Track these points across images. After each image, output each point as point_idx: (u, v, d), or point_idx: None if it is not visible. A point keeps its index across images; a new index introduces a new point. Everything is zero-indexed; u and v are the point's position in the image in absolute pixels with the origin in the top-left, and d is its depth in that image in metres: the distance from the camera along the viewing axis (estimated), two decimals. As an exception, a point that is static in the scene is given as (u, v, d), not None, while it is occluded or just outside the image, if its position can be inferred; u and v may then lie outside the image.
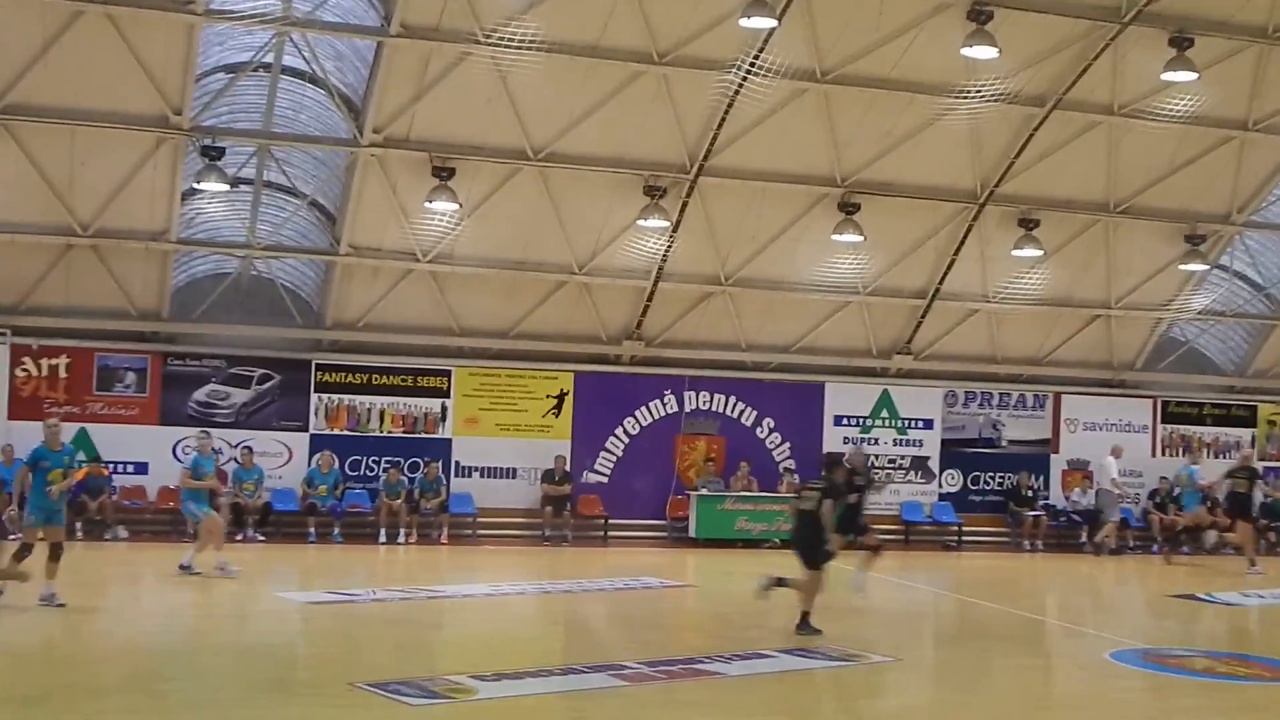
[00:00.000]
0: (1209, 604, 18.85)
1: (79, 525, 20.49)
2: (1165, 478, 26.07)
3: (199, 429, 19.47)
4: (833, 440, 24.77)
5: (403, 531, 22.15)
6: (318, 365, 22.67)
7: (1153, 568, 23.85)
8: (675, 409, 24.28)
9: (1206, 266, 24.68)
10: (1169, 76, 20.18)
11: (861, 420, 25.13)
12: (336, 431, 22.78)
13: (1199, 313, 26.08)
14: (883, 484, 22.68)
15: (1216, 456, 26.81)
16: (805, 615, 14.01)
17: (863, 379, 25.22)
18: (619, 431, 24.00)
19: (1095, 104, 21.67)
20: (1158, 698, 12.23)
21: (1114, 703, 11.74)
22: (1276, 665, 13.83)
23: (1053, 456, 26.18)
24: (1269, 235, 25.54)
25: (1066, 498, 25.99)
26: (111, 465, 21.53)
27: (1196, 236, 24.07)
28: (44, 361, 21.50)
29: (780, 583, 14.25)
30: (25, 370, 21.42)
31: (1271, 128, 22.55)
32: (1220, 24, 20.37)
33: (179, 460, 20.95)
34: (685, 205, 21.89)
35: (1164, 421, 26.81)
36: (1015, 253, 23.43)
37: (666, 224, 21.86)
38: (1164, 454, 26.65)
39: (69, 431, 17.43)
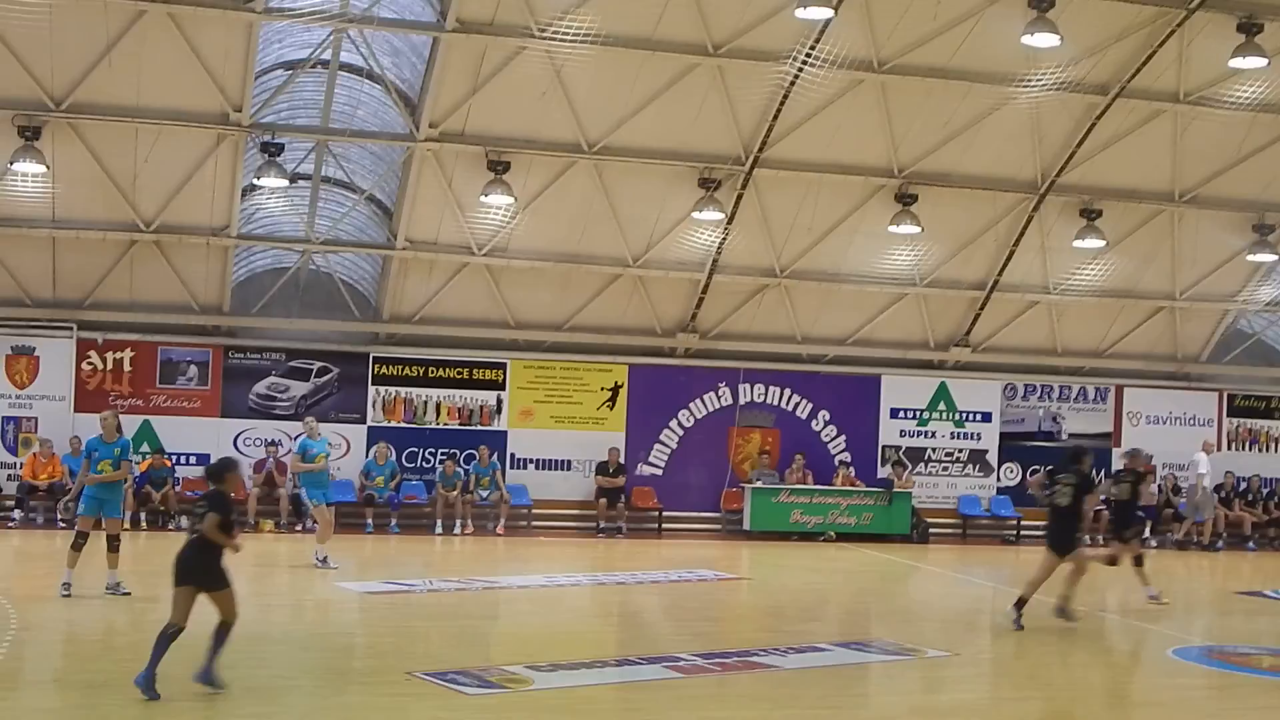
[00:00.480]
0: (1276, 601, 18.83)
1: (143, 515, 21.10)
2: (1231, 472, 25.98)
3: (306, 416, 19.73)
4: (889, 433, 24.95)
5: (459, 523, 22.54)
6: (375, 358, 23.09)
7: (1220, 563, 23.79)
8: (730, 401, 24.47)
9: (1275, 257, 24.49)
10: (1237, 63, 20.06)
11: (918, 413, 25.21)
12: (393, 424, 23.21)
13: (1267, 304, 25.90)
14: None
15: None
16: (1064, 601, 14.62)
17: (920, 371, 25.28)
18: (673, 424, 24.25)
19: (1160, 92, 21.59)
20: (1217, 695, 12.28)
21: (1179, 700, 11.77)
22: None
23: (1114, 450, 26.09)
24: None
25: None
26: (174, 457, 22.03)
27: (1265, 226, 23.92)
28: (109, 355, 22.09)
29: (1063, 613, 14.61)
30: (91, 364, 22.01)
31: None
32: None
33: (240, 452, 21.53)
34: (740, 197, 22.07)
35: (1230, 415, 26.66)
36: (1077, 243, 23.39)
37: (721, 216, 22.05)
38: (1230, 448, 26.48)
39: (133, 424, 17.89)
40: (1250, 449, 26.65)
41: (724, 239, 22.56)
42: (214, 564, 9.76)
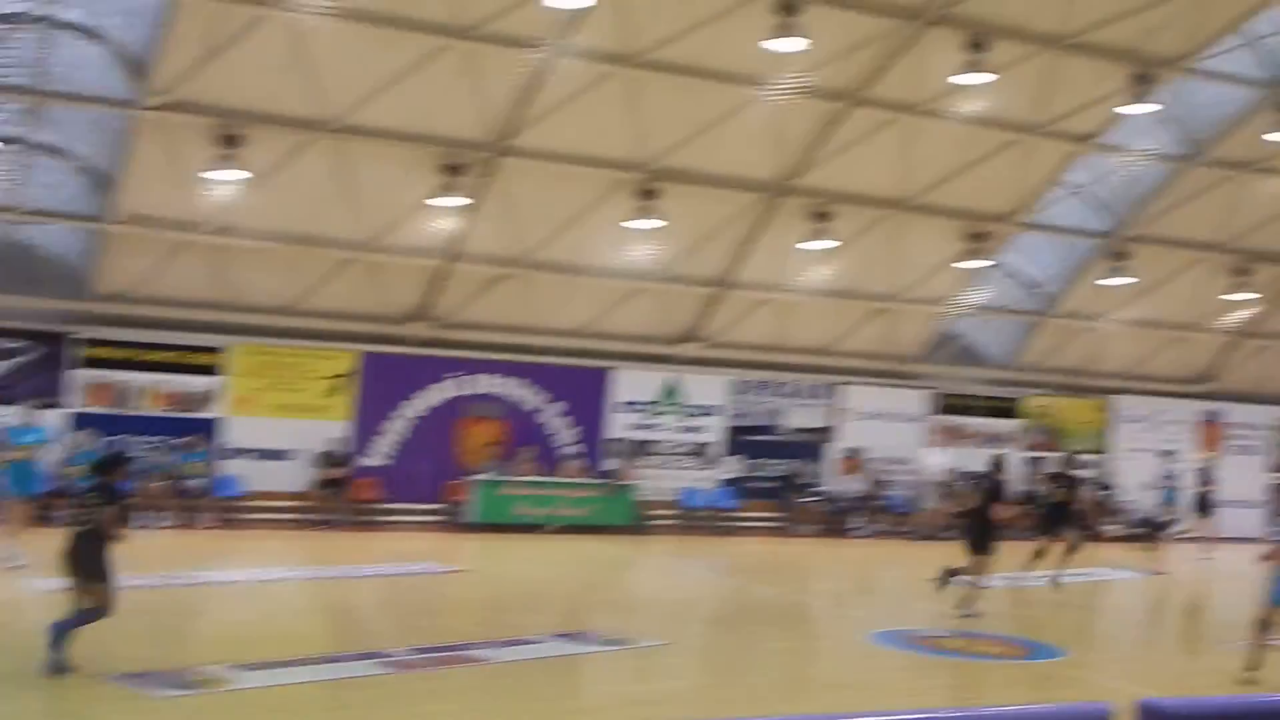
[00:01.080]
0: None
1: None
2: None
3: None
4: (617, 426, 25.52)
5: (164, 514, 21.79)
6: (80, 339, 22.01)
7: (918, 551, 25.42)
8: (460, 392, 24.51)
9: (986, 264, 26.28)
10: (963, 79, 21.49)
11: (648, 406, 25.86)
12: (99, 409, 22.20)
13: (975, 308, 27.79)
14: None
15: (982, 446, 28.72)
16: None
17: (651, 365, 25.98)
18: (402, 414, 24.13)
19: (894, 101, 22.91)
20: (914, 676, 13.35)
21: (874, 682, 12.80)
22: (1021, 643, 15.21)
23: (830, 444, 27.52)
24: (1046, 235, 27.35)
25: (839, 485, 27.34)
26: None
27: (978, 234, 25.63)
28: None
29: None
30: None
31: (1055, 132, 24.27)
32: (1015, 30, 21.75)
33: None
34: (484, 185, 22.10)
35: (938, 412, 28.61)
36: (808, 244, 24.57)
37: (464, 203, 22.04)
38: (930, 444, 28.28)
39: None
40: (954, 444, 28.48)
41: (466, 227, 22.51)
42: (100, 555, 10.29)
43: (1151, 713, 1.99)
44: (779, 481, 27.12)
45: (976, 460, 28.50)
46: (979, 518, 17.21)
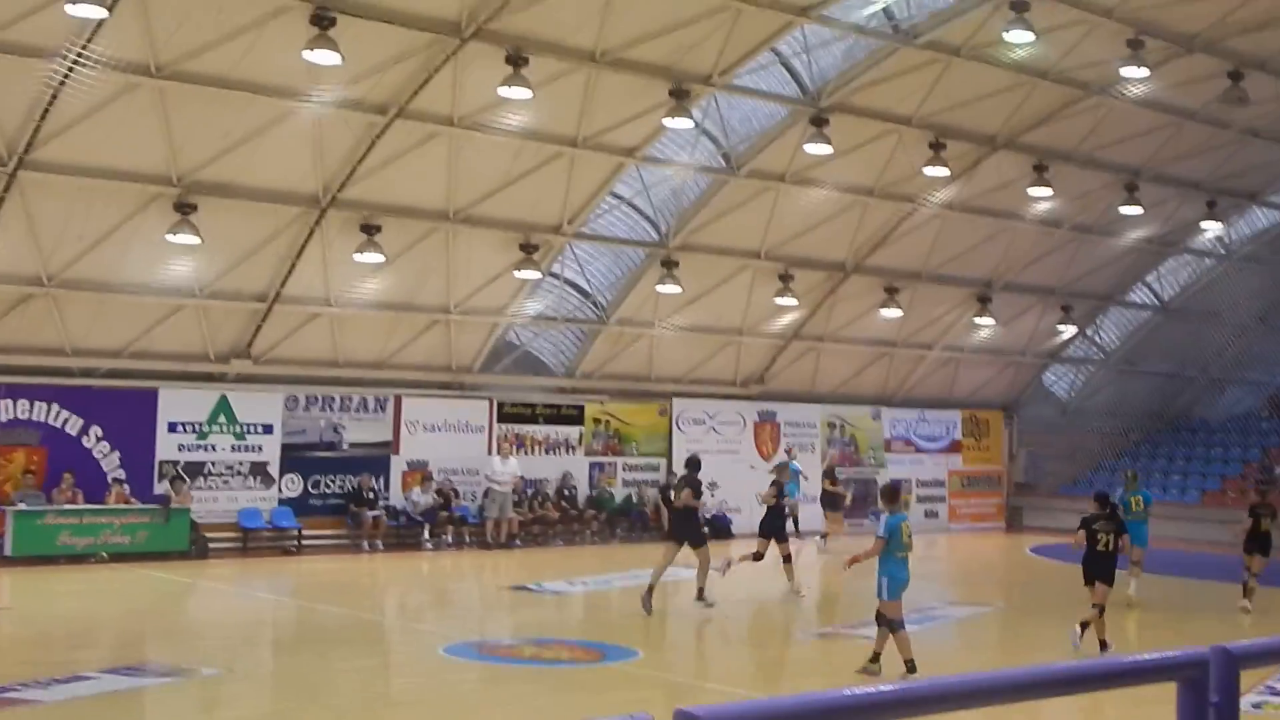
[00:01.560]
0: (538, 593, 21.18)
1: None
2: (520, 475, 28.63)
3: None
4: (167, 448, 25.12)
5: None
6: None
7: (488, 560, 26.18)
8: (-10, 419, 23.65)
9: (539, 274, 27.32)
10: (505, 92, 22.39)
11: (198, 426, 25.59)
12: None
13: (532, 318, 28.87)
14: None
15: (547, 453, 29.79)
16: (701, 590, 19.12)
17: (200, 384, 25.81)
18: (-75, 444, 23.07)
19: (436, 115, 23.60)
20: (489, 688, 14.14)
21: (446, 696, 13.40)
22: (594, 647, 16.14)
23: (394, 458, 27.99)
24: (596, 245, 28.66)
25: (407, 498, 27.81)
26: None
27: (530, 245, 26.60)
28: None
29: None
30: None
31: (599, 145, 25.55)
32: (553, 46, 22.79)
33: None
34: (1, 201, 21.40)
35: (500, 421, 29.38)
36: (357, 257, 25.01)
37: (-21, 219, 21.30)
38: (499, 453, 29.08)
39: None
40: (517, 452, 29.41)
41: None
42: None
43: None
44: (342, 498, 27.32)
45: (543, 468, 29.67)
46: (688, 514, 19.87)
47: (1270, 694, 13.73)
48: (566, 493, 30.14)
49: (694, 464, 21.17)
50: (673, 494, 20.93)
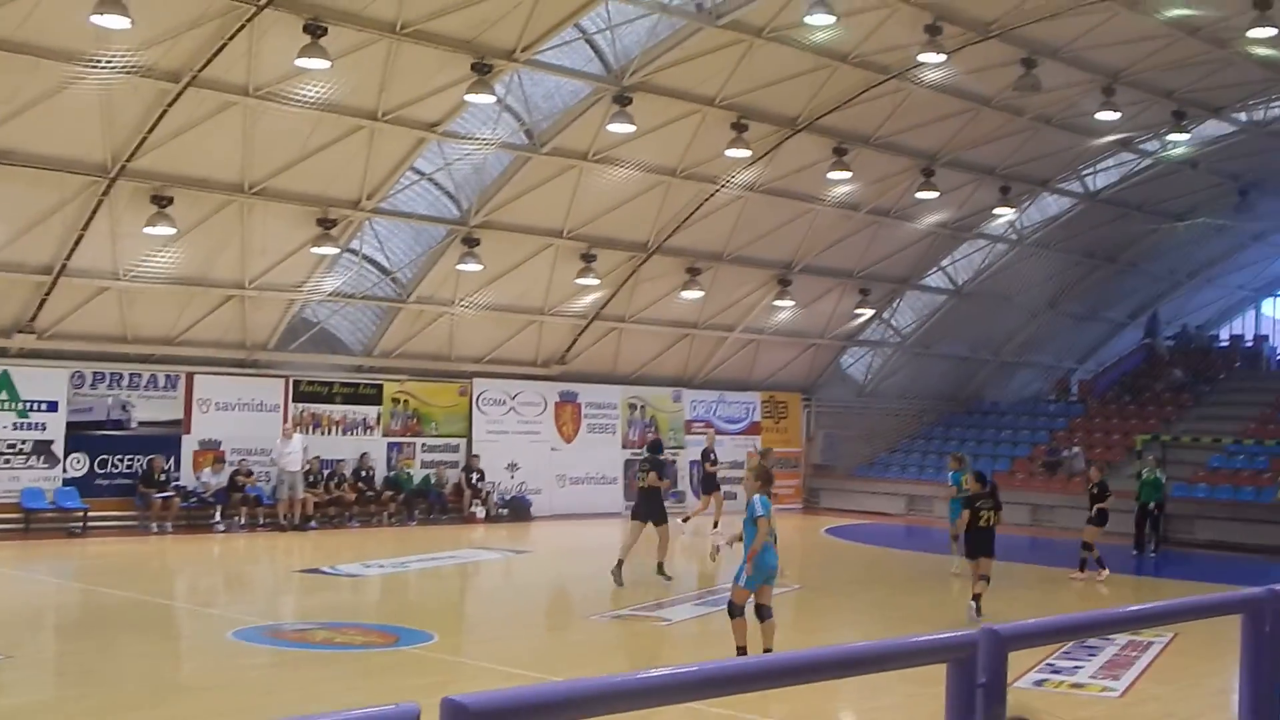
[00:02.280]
0: (332, 576, 21.27)
1: None
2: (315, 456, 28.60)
3: None
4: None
5: None
6: None
7: (281, 543, 26.16)
8: None
9: (337, 250, 27.31)
10: (302, 63, 22.22)
11: (-23, 404, 25.07)
12: None
13: (330, 295, 28.85)
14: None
15: (344, 434, 29.83)
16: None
17: (-21, 359, 25.19)
18: None
19: (231, 84, 23.29)
20: (280, 673, 14.08)
21: (235, 681, 13.35)
22: (389, 631, 16.28)
23: (185, 437, 27.71)
24: (396, 222, 28.77)
25: (198, 478, 27.58)
26: None
27: (328, 220, 26.59)
28: None
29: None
30: None
31: (399, 119, 25.51)
32: (352, 15, 22.59)
33: None
34: None
35: (295, 400, 29.29)
36: (148, 230, 24.62)
37: None
38: (297, 431, 29.03)
39: None
40: (313, 432, 29.36)
41: None
42: None
43: (455, 710, 2.45)
44: (131, 478, 26.97)
45: (340, 448, 29.71)
46: (653, 494, 21.36)
47: (1051, 672, 14.34)
48: (364, 473, 30.13)
49: (656, 446, 23.76)
50: (638, 476, 22.64)
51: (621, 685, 3.21)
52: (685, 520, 29.41)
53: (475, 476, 31.59)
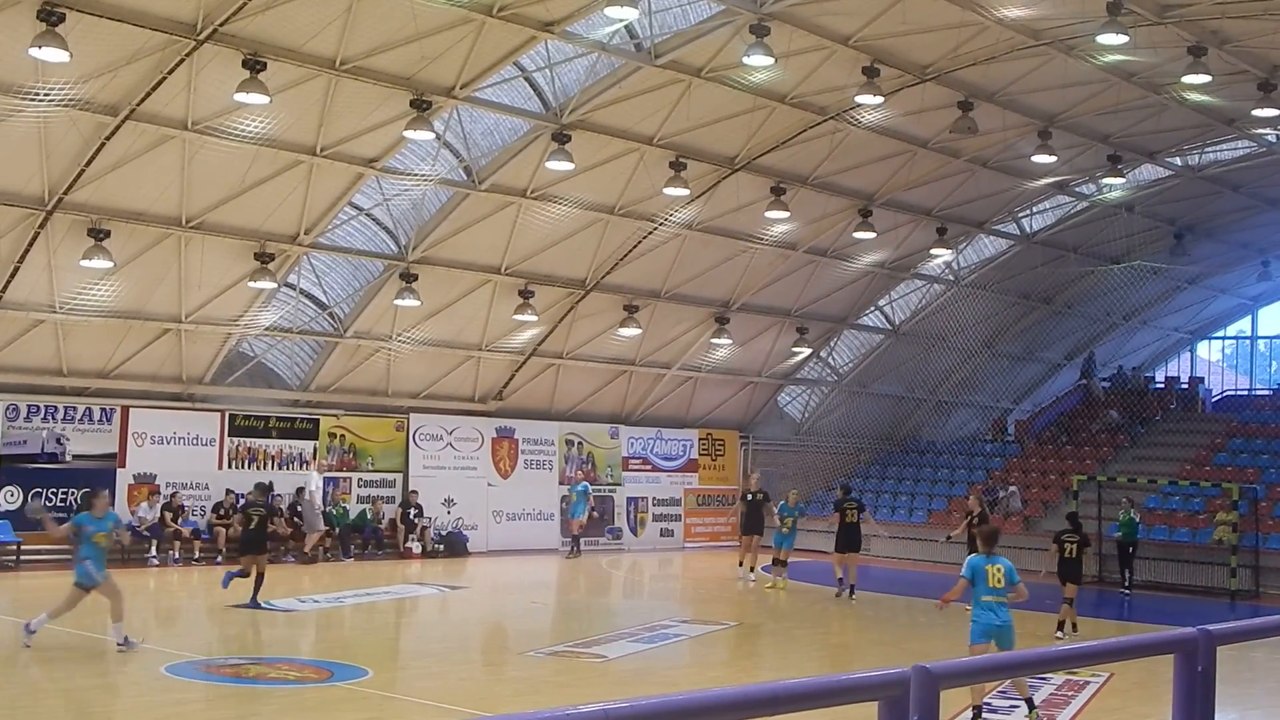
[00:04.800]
0: (267, 611, 21.33)
1: None
2: (231, 490, 28.69)
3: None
4: None
5: None
6: None
7: (217, 577, 26.17)
8: None
9: (275, 285, 27.53)
10: (241, 98, 22.36)
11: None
12: None
13: (267, 329, 29.05)
14: None
15: (280, 468, 30.00)
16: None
17: (-89, 391, 25.16)
18: None
19: (169, 118, 23.39)
20: (212, 708, 14.18)
21: (168, 717, 13.44)
22: (323, 666, 16.41)
23: (120, 471, 27.76)
24: (334, 256, 29.04)
25: (133, 513, 27.63)
26: None
27: (266, 255, 26.81)
28: None
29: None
30: None
31: (338, 155, 25.72)
32: (292, 51, 22.79)
33: None
34: None
35: (231, 435, 29.42)
36: (84, 263, 24.68)
37: None
38: (231, 466, 29.17)
39: None
40: (249, 467, 29.47)
41: None
42: None
43: None
44: (66, 512, 26.95)
45: (276, 482, 29.82)
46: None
47: (988, 711, 14.49)
48: (299, 508, 30.35)
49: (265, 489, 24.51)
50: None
51: None
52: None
53: (412, 512, 31.81)
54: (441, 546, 32.16)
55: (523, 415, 34.90)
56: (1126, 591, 29.59)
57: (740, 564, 29.33)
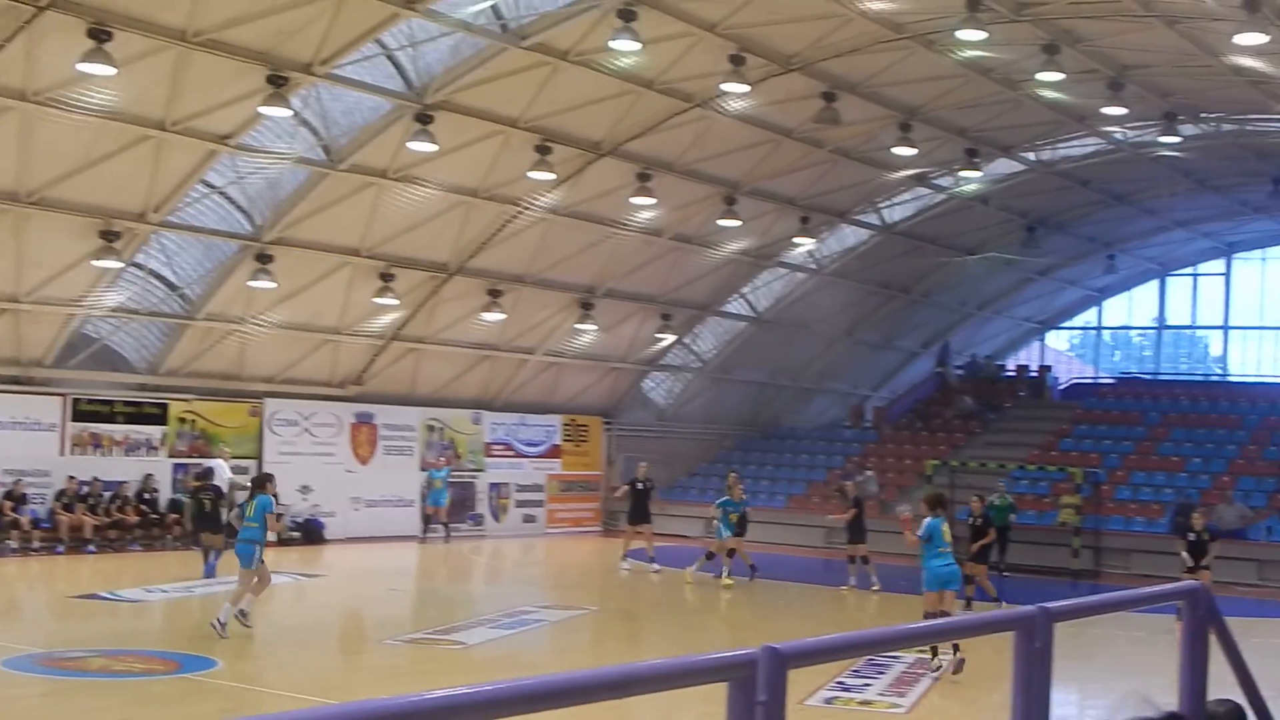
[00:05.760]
0: (111, 601, 20.41)
1: None
2: (74, 477, 27.23)
3: None
4: None
5: None
6: None
7: (59, 568, 24.91)
8: None
9: (121, 264, 26.18)
10: (86, 68, 21.25)
11: None
12: None
13: (112, 310, 27.67)
14: None
15: (127, 454, 28.58)
16: None
17: None
18: None
19: (7, 88, 22.21)
20: (53, 702, 13.53)
21: (6, 713, 12.74)
22: (170, 657, 15.61)
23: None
24: (185, 236, 27.74)
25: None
26: None
27: (111, 233, 25.44)
28: None
29: None
30: None
31: (190, 130, 24.65)
32: (140, 21, 21.69)
33: None
34: None
35: (74, 420, 28.07)
36: (-84, 239, 23.18)
37: None
38: (74, 452, 27.83)
39: None
40: (94, 452, 28.07)
41: None
42: None
43: None
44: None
45: (122, 469, 28.42)
46: None
47: (842, 690, 14.69)
48: (147, 495, 28.89)
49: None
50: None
51: (381, 710, 2.97)
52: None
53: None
54: (297, 534, 30.90)
55: (383, 400, 33.89)
56: (1002, 573, 29.63)
57: (624, 556, 28.48)
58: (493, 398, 36.82)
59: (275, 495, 19.37)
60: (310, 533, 31.23)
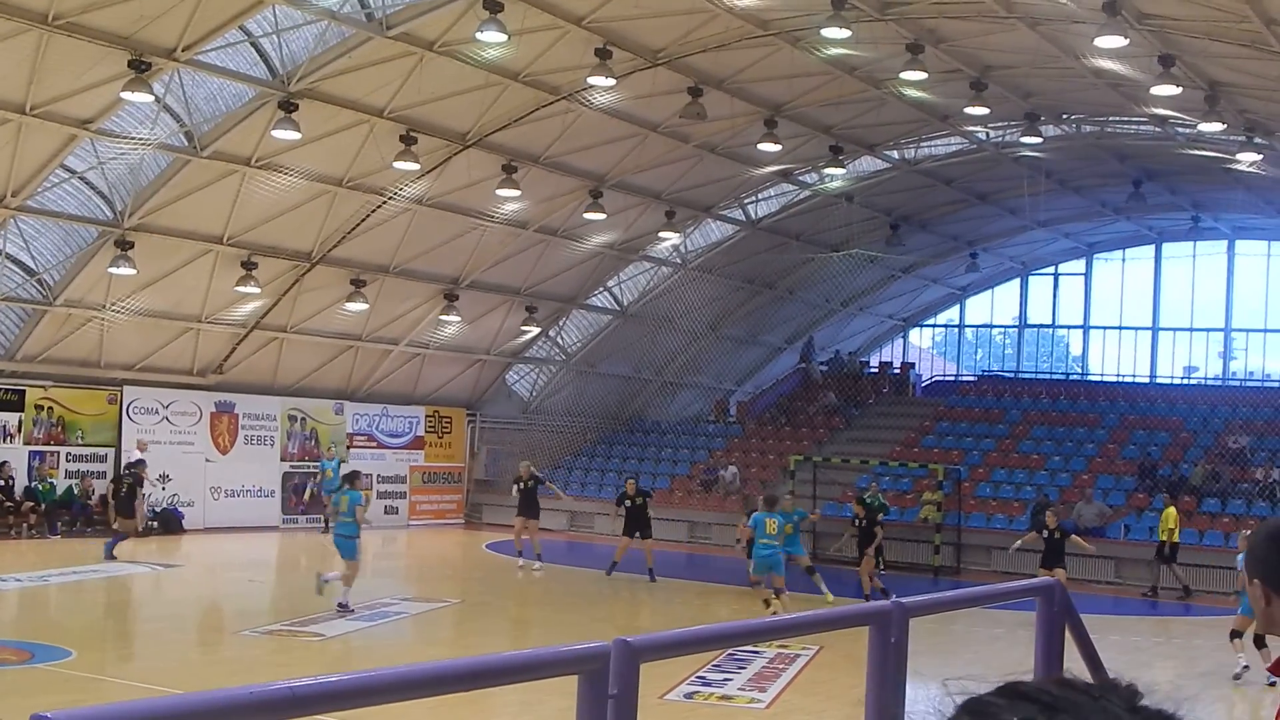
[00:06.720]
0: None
1: None
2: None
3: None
4: None
5: None
6: None
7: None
8: None
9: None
10: (-58, 49, 21.17)
11: None
12: None
13: (-34, 295, 27.44)
14: None
15: None
16: None
17: None
18: None
19: None
20: None
21: None
22: (22, 647, 15.67)
23: None
24: (43, 221, 27.61)
25: None
26: None
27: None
28: None
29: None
30: None
31: (50, 114, 24.44)
32: (1, 2, 21.53)
33: None
34: None
35: (-74, 406, 27.73)
36: None
37: None
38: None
39: None
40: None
41: None
42: None
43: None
44: None
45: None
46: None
47: (702, 684, 14.94)
48: (2, 483, 28.74)
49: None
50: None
51: (229, 701, 3.05)
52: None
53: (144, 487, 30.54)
54: (155, 524, 30.97)
55: (244, 389, 33.90)
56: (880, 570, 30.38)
57: (520, 552, 28.55)
58: (355, 388, 36.96)
59: (365, 491, 21.36)
60: (169, 522, 31.26)
